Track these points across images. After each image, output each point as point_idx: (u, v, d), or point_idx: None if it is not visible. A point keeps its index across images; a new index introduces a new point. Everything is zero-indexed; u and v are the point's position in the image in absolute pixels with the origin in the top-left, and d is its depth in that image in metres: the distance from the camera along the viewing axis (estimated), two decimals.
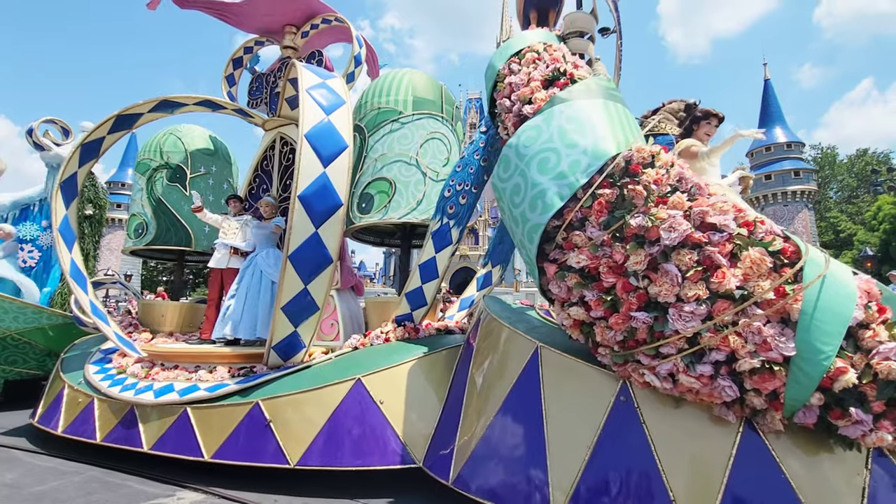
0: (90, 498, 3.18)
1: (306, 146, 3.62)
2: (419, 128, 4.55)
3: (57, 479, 3.53)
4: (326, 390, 3.51)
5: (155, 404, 3.80)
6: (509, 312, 3.57)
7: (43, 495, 3.22)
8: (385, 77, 4.79)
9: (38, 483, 3.46)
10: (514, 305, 4.03)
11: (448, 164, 4.65)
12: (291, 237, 3.56)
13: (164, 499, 3.21)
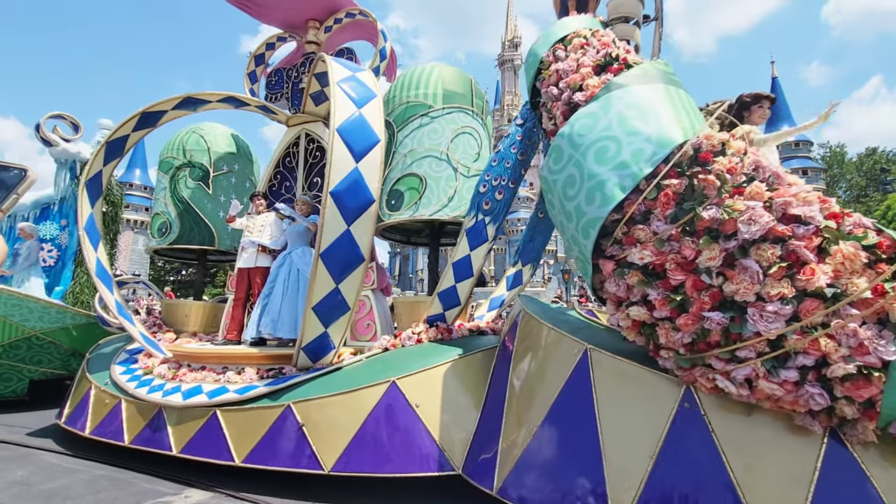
0: (98, 496, 3.19)
1: (338, 140, 3.49)
2: (449, 122, 4.41)
3: (67, 477, 3.55)
4: (360, 393, 3.39)
5: (183, 406, 3.71)
6: (549, 312, 3.42)
7: (53, 493, 3.24)
8: (413, 71, 4.66)
9: (48, 480, 3.48)
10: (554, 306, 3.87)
11: (479, 160, 4.51)
12: (323, 235, 3.44)
13: (172, 497, 3.20)
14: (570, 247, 2.62)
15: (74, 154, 7.56)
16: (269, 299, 4.38)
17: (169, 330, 5.51)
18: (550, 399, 2.79)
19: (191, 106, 5.30)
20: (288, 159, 5.47)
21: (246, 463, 3.34)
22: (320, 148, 5.39)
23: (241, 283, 4.90)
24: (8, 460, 3.97)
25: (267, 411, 3.49)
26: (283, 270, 4.47)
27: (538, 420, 2.79)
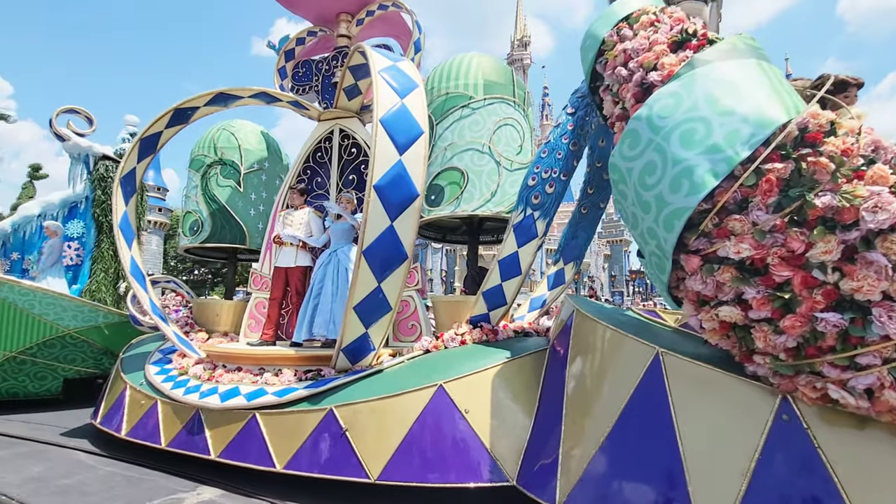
0: (112, 492, 3.25)
1: (381, 132, 3.33)
2: (491, 113, 4.21)
3: (83, 473, 3.61)
4: (406, 397, 3.21)
5: (221, 409, 3.60)
6: (606, 313, 3.19)
7: (69, 489, 3.29)
8: (452, 61, 4.48)
9: (64, 476, 3.53)
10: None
11: (521, 152, 4.30)
12: (366, 231, 3.28)
13: (184, 494, 3.23)
14: (644, 242, 2.39)
15: (86, 148, 7.46)
16: (320, 299, 4.24)
17: (201, 329, 5.44)
18: (617, 407, 2.57)
19: (223, 102, 5.21)
20: (319, 154, 5.34)
21: (288, 469, 3.20)
22: (356, 144, 5.25)
23: (278, 283, 4.77)
24: (26, 456, 4.08)
25: (308, 415, 3.34)
26: (330, 269, 4.33)
27: (604, 430, 2.57)
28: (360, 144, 5.35)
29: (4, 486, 3.29)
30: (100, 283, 7.09)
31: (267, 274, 5.07)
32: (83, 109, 7.87)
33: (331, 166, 5.29)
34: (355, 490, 3.10)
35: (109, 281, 7.25)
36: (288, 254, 4.73)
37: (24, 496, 3.14)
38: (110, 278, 7.30)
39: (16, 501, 3.06)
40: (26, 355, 5.93)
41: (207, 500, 3.13)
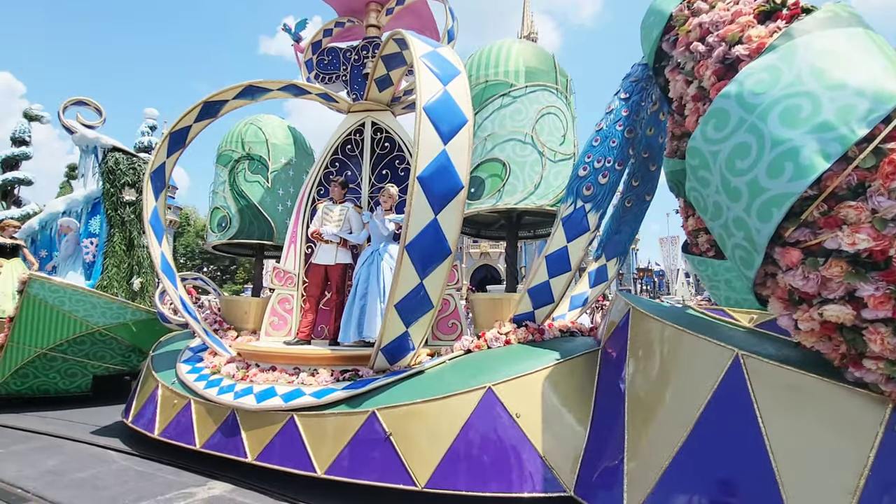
0: (126, 486, 3.31)
1: (425, 120, 3.15)
2: (533, 101, 4.00)
3: (97, 467, 3.69)
4: (453, 400, 3.04)
5: (258, 410, 3.47)
6: (668, 311, 2.97)
7: (83, 482, 3.37)
8: (490, 48, 4.28)
9: (78, 470, 3.61)
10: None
11: (565, 142, 4.09)
12: (409, 224, 3.11)
13: (196, 488, 3.28)
14: (727, 234, 2.17)
15: (94, 140, 7.28)
16: (367, 300, 4.08)
17: (230, 327, 5.35)
18: (691, 416, 2.35)
19: (252, 95, 5.10)
20: (349, 147, 5.18)
21: (329, 475, 3.05)
22: (389, 138, 5.10)
23: (317, 280, 4.61)
24: (41, 450, 4.17)
25: (349, 418, 3.19)
26: (374, 269, 4.17)
27: (677, 440, 2.36)
28: (394, 139, 5.19)
29: (21, 480, 3.37)
30: (111, 279, 6.92)
31: (291, 269, 4.92)
32: (92, 101, 7.62)
33: (362, 160, 5.13)
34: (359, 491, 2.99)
35: (122, 276, 7.07)
36: (328, 251, 4.58)
37: (40, 489, 3.20)
38: (123, 274, 7.11)
39: (32, 494, 3.13)
40: (56, 352, 5.92)
41: (218, 495, 3.16)
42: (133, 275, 7.19)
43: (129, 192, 7.21)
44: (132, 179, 7.26)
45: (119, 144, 7.50)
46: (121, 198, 7.19)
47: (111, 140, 7.46)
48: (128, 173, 7.27)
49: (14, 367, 5.77)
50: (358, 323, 4.04)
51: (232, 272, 39.30)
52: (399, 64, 4.71)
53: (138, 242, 7.29)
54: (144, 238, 7.34)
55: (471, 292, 8.17)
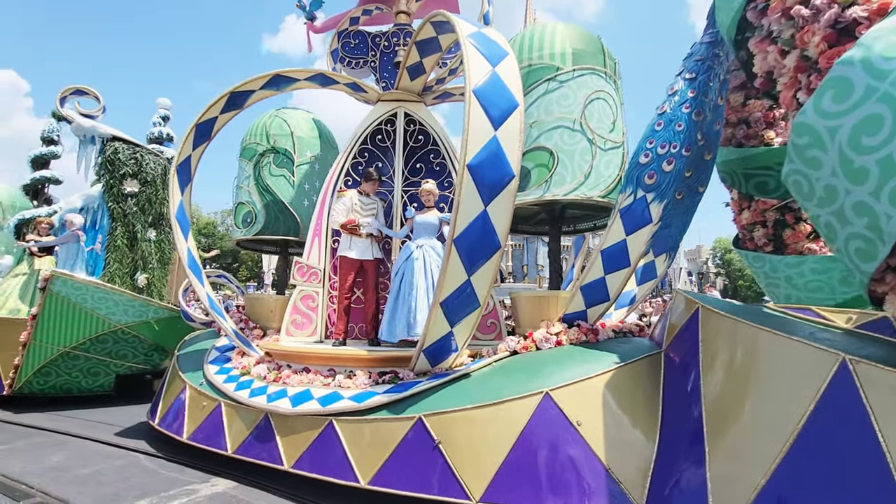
0: (128, 482, 3.31)
1: (475, 104, 2.92)
2: (581, 86, 3.75)
3: (100, 463, 3.70)
4: (508, 406, 2.81)
5: (293, 414, 3.27)
6: (745, 311, 2.70)
7: (87, 478, 3.37)
8: (533, 30, 4.03)
9: (82, 466, 3.63)
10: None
11: (615, 130, 3.83)
12: (458, 216, 2.88)
13: (199, 485, 3.28)
14: (843, 221, 1.90)
15: (90, 129, 6.91)
16: (416, 296, 3.87)
17: (256, 326, 5.17)
18: (791, 426, 2.09)
19: (278, 85, 4.92)
20: (379, 138, 4.95)
21: (373, 485, 2.84)
22: (423, 131, 4.88)
23: (350, 275, 4.38)
24: (44, 446, 4.18)
25: (393, 424, 2.97)
26: (417, 265, 3.96)
27: (775, 452, 2.10)
28: (428, 131, 4.97)
29: (25, 475, 3.38)
30: (113, 275, 6.61)
31: (315, 265, 4.68)
32: (91, 89, 7.25)
33: (394, 152, 4.91)
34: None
35: (125, 272, 6.76)
36: (363, 245, 4.37)
37: (44, 485, 3.22)
38: (126, 269, 6.79)
39: (36, 490, 3.14)
40: (79, 350, 5.81)
41: (221, 492, 3.15)
42: (137, 270, 6.91)
43: (131, 183, 6.90)
44: (133, 170, 6.93)
45: (119, 133, 7.14)
46: (122, 189, 6.86)
47: (110, 129, 7.08)
48: (128, 163, 6.91)
49: (37, 366, 5.67)
50: (408, 321, 3.82)
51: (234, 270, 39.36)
52: (434, 50, 4.47)
53: (142, 236, 6.98)
54: (150, 232, 7.01)
55: None
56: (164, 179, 7.36)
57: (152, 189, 7.18)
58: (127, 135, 7.29)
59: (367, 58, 5.29)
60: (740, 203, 4.16)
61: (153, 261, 7.16)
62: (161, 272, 7.23)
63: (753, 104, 3.88)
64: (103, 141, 7.00)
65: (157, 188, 7.22)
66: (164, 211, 7.32)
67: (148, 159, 7.19)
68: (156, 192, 7.21)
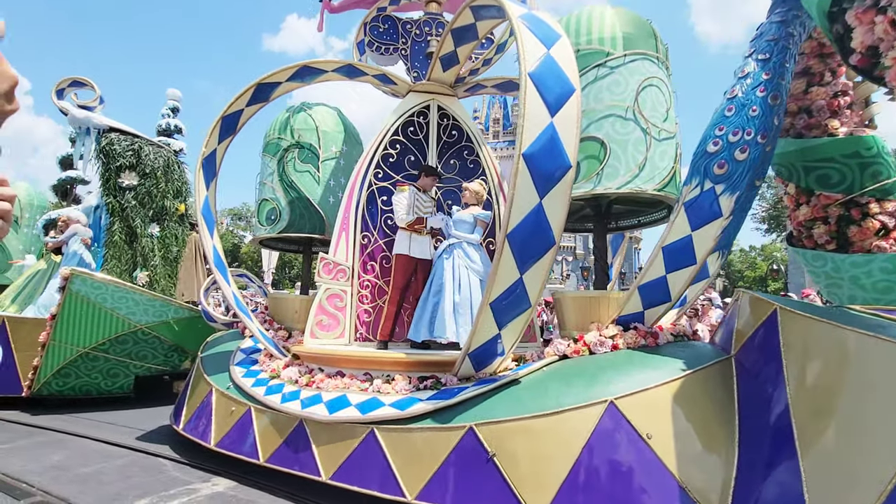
0: (129, 482, 3.29)
1: (531, 89, 2.71)
2: (633, 72, 3.51)
3: (101, 462, 3.68)
4: (568, 416, 2.58)
5: (330, 421, 3.07)
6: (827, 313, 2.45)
7: (87, 477, 3.35)
8: (580, 13, 3.80)
9: (83, 465, 3.60)
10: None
11: (668, 119, 3.58)
12: (512, 210, 2.67)
13: (199, 484, 3.27)
14: None
15: (84, 120, 6.63)
16: (441, 297, 3.69)
17: (281, 327, 4.99)
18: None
19: (305, 76, 4.74)
20: (411, 130, 4.74)
21: (421, 500, 2.62)
22: (457, 127, 4.67)
23: (405, 275, 4.15)
24: (45, 445, 4.15)
25: (441, 434, 2.76)
26: (447, 264, 3.79)
27: (891, 474, 1.85)
28: (462, 127, 4.76)
29: (26, 474, 3.36)
30: (110, 272, 6.33)
31: (342, 261, 4.39)
32: (87, 80, 6.91)
33: (427, 146, 4.70)
34: None
35: (123, 269, 6.49)
36: (423, 243, 4.16)
37: (45, 484, 3.20)
38: (124, 266, 6.53)
39: (37, 489, 3.12)
40: (99, 351, 5.67)
41: (221, 492, 3.15)
42: (136, 267, 6.63)
43: (129, 175, 6.59)
44: (131, 162, 6.60)
45: (116, 124, 6.83)
46: (119, 182, 6.57)
47: (106, 119, 6.77)
48: (125, 155, 6.59)
49: (56, 367, 5.53)
50: (430, 320, 3.64)
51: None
52: (470, 39, 4.26)
53: (142, 232, 6.66)
54: (152, 227, 6.71)
55: None
56: (167, 171, 7.02)
57: (152, 181, 6.81)
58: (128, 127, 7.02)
59: (396, 44, 5.06)
60: (797, 198, 3.89)
61: (156, 258, 6.82)
62: (166, 270, 6.93)
63: (816, 91, 3.63)
64: (99, 132, 6.69)
65: (159, 180, 6.86)
66: (167, 205, 6.97)
67: (148, 150, 6.82)
68: (157, 185, 6.83)
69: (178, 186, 7.28)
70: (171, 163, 7.24)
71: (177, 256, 7.26)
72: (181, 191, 7.35)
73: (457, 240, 3.89)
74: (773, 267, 28.45)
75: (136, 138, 6.88)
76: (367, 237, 4.49)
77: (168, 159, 7.17)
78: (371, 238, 4.50)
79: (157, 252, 6.84)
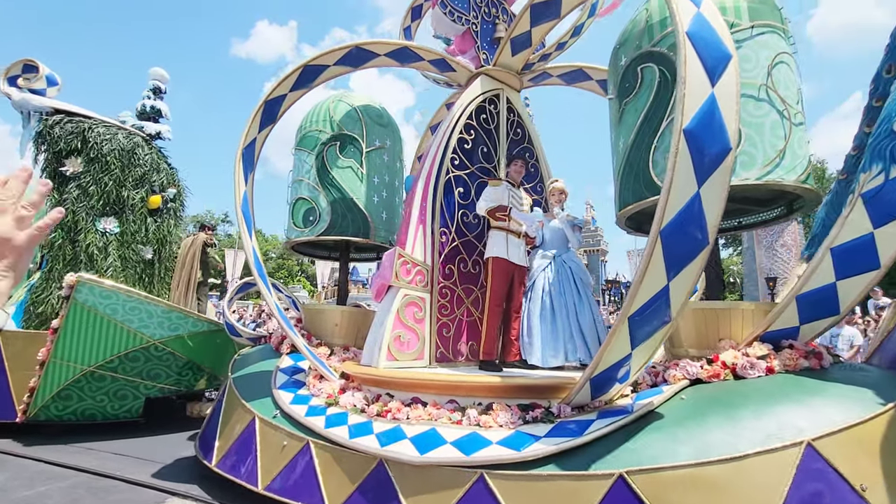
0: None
1: (690, 51, 2.20)
2: (762, 46, 3.02)
3: (45, 484, 3.44)
4: (753, 463, 2.01)
5: (423, 464, 2.46)
6: None
7: (29, 500, 3.15)
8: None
9: (25, 487, 3.38)
10: None
11: (799, 102, 3.09)
12: (669, 199, 2.13)
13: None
14: None
15: (21, 102, 5.83)
16: (574, 316, 3.14)
17: (320, 343, 4.38)
18: None
19: (354, 60, 4.22)
20: (484, 117, 4.19)
21: None
22: (521, 125, 4.17)
23: (505, 283, 3.51)
24: (38, 478, 3.69)
25: (579, 484, 2.16)
26: (563, 277, 3.25)
27: None
28: (524, 126, 4.26)
29: None
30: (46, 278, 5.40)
31: (420, 261, 3.67)
32: (35, 61, 5.98)
33: (498, 138, 4.17)
34: None
35: (63, 272, 5.50)
36: (520, 247, 3.57)
37: None
38: (64, 269, 5.52)
39: None
40: (106, 370, 4.97)
41: None
42: (79, 270, 5.53)
43: (73, 162, 5.68)
44: (75, 146, 5.68)
45: (63, 105, 5.96)
46: (62, 171, 5.67)
47: (49, 101, 5.90)
48: (69, 139, 5.70)
49: (56, 388, 4.83)
50: (583, 342, 3.06)
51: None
52: (550, 16, 3.77)
53: (87, 227, 5.65)
54: (105, 221, 5.75)
55: None
56: (130, 156, 6.01)
57: (101, 167, 5.80)
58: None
59: (468, 15, 4.48)
60: None
61: (112, 258, 5.76)
62: (131, 273, 5.86)
63: None
64: (41, 115, 5.83)
65: (110, 166, 5.83)
66: (125, 195, 5.91)
67: (99, 132, 5.85)
68: (108, 171, 5.81)
69: (143, 174, 6.16)
70: (137, 147, 6.18)
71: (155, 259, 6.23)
72: (145, 178, 6.19)
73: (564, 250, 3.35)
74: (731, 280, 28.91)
75: (85, 119, 5.94)
76: (444, 234, 3.86)
77: (133, 143, 6.15)
78: (448, 236, 3.89)
79: (112, 251, 5.81)
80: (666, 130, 3.07)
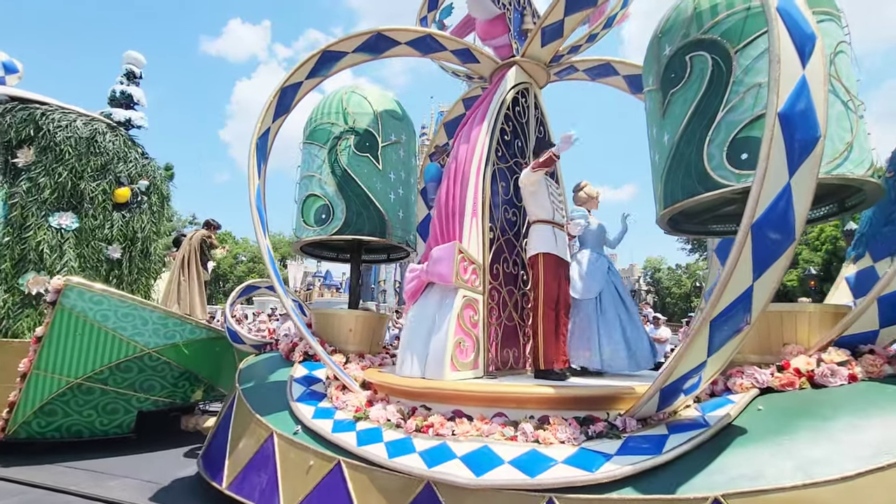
0: None
1: (781, 27, 2.01)
2: (824, 34, 2.82)
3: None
4: (863, 483, 1.80)
5: (479, 487, 2.18)
6: None
7: None
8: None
9: None
10: None
11: (859, 94, 2.94)
12: (762, 189, 1.93)
13: None
14: None
15: None
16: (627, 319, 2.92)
17: (335, 350, 4.06)
18: None
19: (373, 48, 3.96)
20: (518, 110, 3.95)
21: None
22: (543, 123, 3.96)
23: (559, 281, 3.21)
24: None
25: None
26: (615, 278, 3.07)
27: None
28: (548, 126, 4.05)
29: None
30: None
31: (475, 258, 3.31)
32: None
33: (528, 132, 3.94)
34: None
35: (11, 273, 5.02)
36: (565, 242, 3.31)
37: None
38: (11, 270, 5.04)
39: None
40: (95, 382, 4.57)
41: None
42: (27, 270, 5.09)
43: (25, 153, 5.26)
44: (28, 134, 5.26)
45: (19, 92, 5.50)
46: (14, 163, 5.23)
47: (5, 89, 5.46)
48: (20, 127, 5.27)
49: (39, 403, 4.41)
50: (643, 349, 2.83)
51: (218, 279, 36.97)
52: (585, 5, 3.57)
53: (37, 223, 5.14)
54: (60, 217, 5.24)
55: None
56: (88, 144, 5.50)
57: (55, 156, 5.32)
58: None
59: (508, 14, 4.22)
60: None
61: (68, 257, 5.24)
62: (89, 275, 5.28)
63: None
64: None
65: (67, 155, 5.35)
66: (84, 188, 5.41)
67: (53, 119, 5.37)
68: (63, 161, 5.33)
69: (104, 163, 5.61)
70: (98, 134, 5.62)
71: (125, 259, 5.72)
72: (107, 169, 5.64)
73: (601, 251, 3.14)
74: (697, 284, 30.02)
75: (37, 106, 5.45)
76: (492, 230, 3.55)
77: (93, 130, 5.60)
78: (495, 232, 3.59)
79: (67, 250, 5.29)
80: (722, 122, 2.88)
